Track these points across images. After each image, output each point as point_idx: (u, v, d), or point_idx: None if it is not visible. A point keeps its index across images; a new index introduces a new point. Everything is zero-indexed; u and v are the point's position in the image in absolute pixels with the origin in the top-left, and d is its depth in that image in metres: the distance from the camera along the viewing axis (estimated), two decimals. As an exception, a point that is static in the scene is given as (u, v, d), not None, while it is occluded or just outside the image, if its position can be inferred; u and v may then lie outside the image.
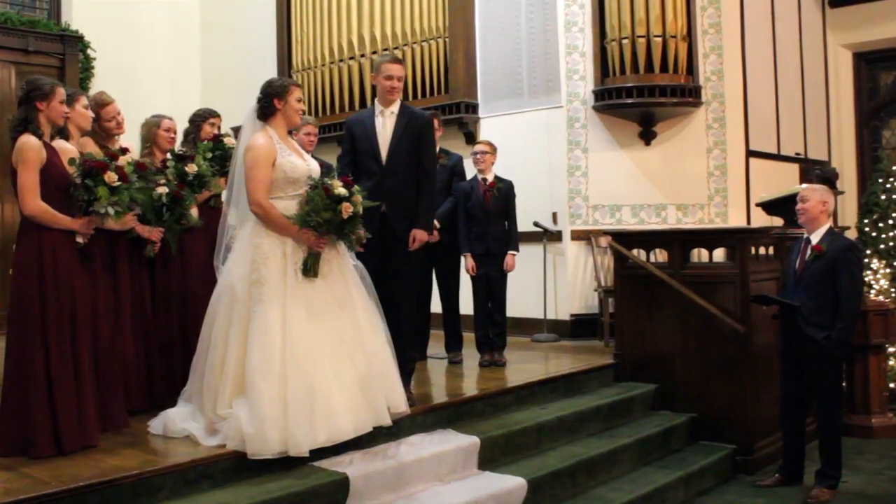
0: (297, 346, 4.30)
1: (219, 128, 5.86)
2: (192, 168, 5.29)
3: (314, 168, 4.65)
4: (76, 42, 10.20)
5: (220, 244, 4.73)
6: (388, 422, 4.55)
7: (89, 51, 10.31)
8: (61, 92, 4.42)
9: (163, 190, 5.01)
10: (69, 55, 10.14)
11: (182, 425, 4.44)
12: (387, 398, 4.60)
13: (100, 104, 5.04)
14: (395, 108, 5.29)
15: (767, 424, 6.11)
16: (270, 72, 10.61)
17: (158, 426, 4.53)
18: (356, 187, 4.56)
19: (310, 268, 4.45)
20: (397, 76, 5.23)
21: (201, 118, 5.81)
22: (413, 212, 5.19)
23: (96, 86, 10.07)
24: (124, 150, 4.81)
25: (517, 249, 6.64)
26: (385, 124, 5.25)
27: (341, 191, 4.44)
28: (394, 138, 5.22)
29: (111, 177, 4.26)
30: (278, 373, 4.23)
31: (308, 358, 4.30)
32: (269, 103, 4.59)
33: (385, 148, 5.26)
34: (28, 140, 4.20)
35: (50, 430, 4.09)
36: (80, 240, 4.36)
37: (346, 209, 4.42)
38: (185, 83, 11.18)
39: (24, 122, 4.26)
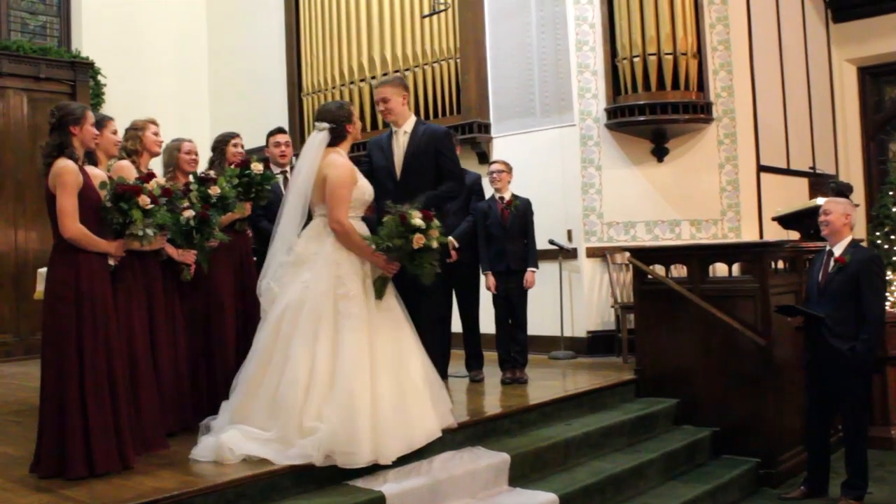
0: (382, 358, 4.49)
1: (242, 146, 5.90)
2: (215, 190, 5.32)
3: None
4: (87, 69, 10.31)
5: (268, 268, 4.74)
6: (450, 423, 4.83)
7: (99, 77, 10.43)
8: (91, 115, 4.49)
9: (189, 213, 5.05)
10: (80, 81, 10.25)
11: (245, 449, 4.33)
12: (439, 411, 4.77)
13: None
14: (409, 126, 5.38)
15: (790, 437, 6.13)
16: (280, 95, 10.71)
17: (207, 453, 4.39)
18: (435, 222, 4.63)
19: (378, 289, 4.62)
20: (381, 98, 5.34)
21: (223, 142, 5.86)
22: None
23: (106, 111, 10.11)
24: (150, 175, 4.88)
25: (536, 266, 6.69)
26: (399, 143, 5.36)
27: (417, 221, 4.53)
28: (406, 156, 5.31)
29: (144, 200, 4.34)
30: (369, 385, 4.38)
31: (391, 370, 4.49)
32: (342, 129, 4.76)
33: (399, 166, 5.37)
34: (66, 164, 4.25)
35: (83, 451, 4.11)
36: (111, 262, 4.44)
37: (418, 240, 4.50)
38: (195, 108, 11.29)
39: (59, 147, 4.30)
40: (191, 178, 5.48)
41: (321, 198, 4.68)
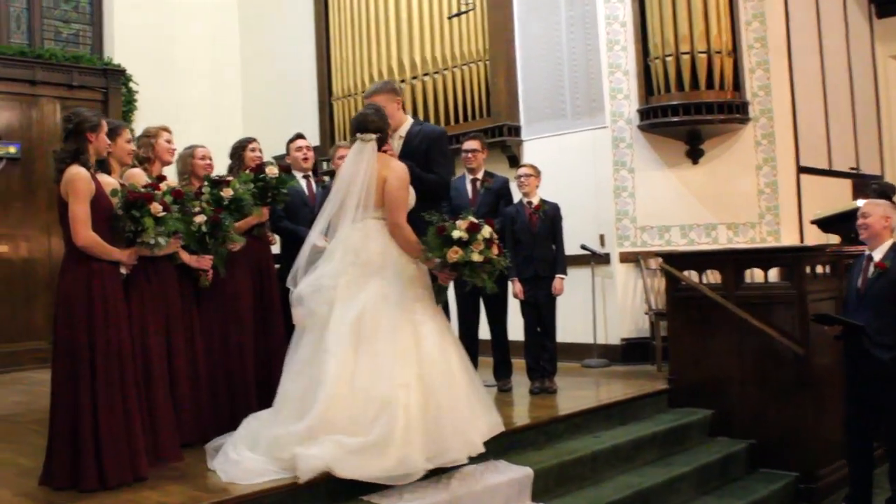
0: (450, 362, 4.53)
1: (260, 150, 5.81)
2: (227, 192, 5.22)
3: None
4: (119, 76, 10.34)
5: (301, 264, 4.63)
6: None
7: (131, 84, 10.44)
8: (105, 124, 4.45)
9: (201, 219, 4.94)
10: (112, 89, 10.28)
11: (348, 472, 4.12)
12: None
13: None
14: (403, 129, 5.24)
15: (831, 450, 5.88)
16: (311, 100, 10.66)
17: (237, 473, 4.18)
18: (484, 234, 4.49)
19: (436, 296, 4.68)
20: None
21: (241, 148, 5.79)
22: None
23: (138, 118, 10.20)
24: (161, 178, 4.80)
25: (565, 273, 6.50)
26: (395, 147, 5.19)
27: (457, 233, 4.44)
28: (401, 157, 5.10)
29: (156, 207, 4.28)
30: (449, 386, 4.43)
31: (454, 374, 4.51)
32: (385, 134, 4.75)
33: None
34: (78, 171, 4.20)
35: (95, 464, 4.04)
36: (123, 270, 4.39)
37: (453, 254, 4.43)
38: (226, 113, 11.27)
39: (75, 153, 4.25)
40: (204, 181, 5.39)
41: (379, 201, 4.62)
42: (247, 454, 4.30)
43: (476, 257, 4.46)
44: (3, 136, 9.52)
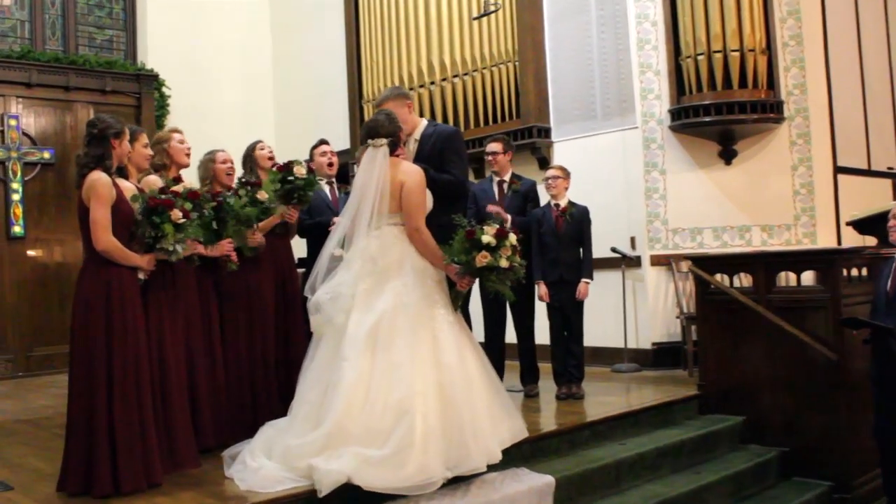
0: (469, 368, 4.46)
1: (269, 148, 5.78)
2: (262, 195, 5.21)
3: None
4: (152, 81, 10.42)
5: (320, 272, 4.58)
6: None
7: (164, 89, 10.52)
8: (128, 131, 4.45)
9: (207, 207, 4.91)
10: (145, 94, 10.36)
11: (368, 481, 4.03)
12: None
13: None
14: (418, 132, 5.19)
15: (867, 459, 5.67)
16: (342, 103, 10.65)
17: (255, 480, 4.14)
18: (510, 241, 4.48)
19: (453, 302, 4.60)
20: None
21: (250, 152, 5.76)
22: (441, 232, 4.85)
23: (171, 123, 10.26)
24: (177, 180, 4.78)
25: (591, 277, 6.38)
26: (409, 152, 5.14)
27: (487, 238, 4.42)
28: (416, 160, 5.04)
29: (176, 214, 4.28)
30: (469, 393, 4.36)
31: (474, 381, 4.45)
32: (397, 139, 4.69)
33: None
34: (101, 176, 4.21)
35: (110, 469, 4.03)
36: (141, 276, 4.38)
37: (482, 258, 4.41)
38: (258, 118, 11.31)
39: (98, 158, 4.25)
40: (235, 184, 5.36)
41: (396, 206, 4.57)
42: (265, 462, 4.27)
43: (504, 263, 4.43)
44: (38, 142, 9.65)
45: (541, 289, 6.40)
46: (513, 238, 4.52)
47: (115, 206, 4.23)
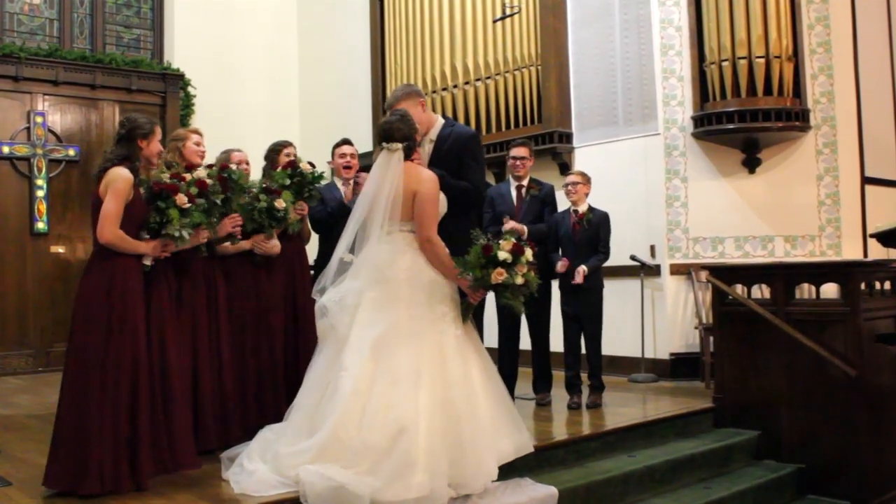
0: (474, 383, 4.31)
1: (295, 156, 5.74)
2: (280, 203, 5.20)
3: None
4: (177, 80, 10.46)
5: (329, 276, 4.48)
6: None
7: (190, 88, 10.55)
8: (159, 131, 4.48)
9: (262, 205, 5.09)
10: (170, 93, 10.41)
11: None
12: None
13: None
14: (434, 132, 4.97)
15: (887, 478, 5.54)
16: (366, 105, 10.63)
17: (250, 484, 4.08)
18: (526, 257, 4.37)
19: (462, 314, 4.45)
20: None
21: (275, 151, 5.69)
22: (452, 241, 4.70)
23: (196, 123, 10.31)
24: (189, 167, 4.74)
25: (591, 268, 6.21)
26: (425, 152, 4.97)
27: (503, 255, 4.29)
28: (432, 161, 4.91)
29: (182, 199, 4.29)
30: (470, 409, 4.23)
31: (478, 396, 4.30)
32: (414, 141, 4.56)
33: None
34: (123, 171, 4.19)
35: (98, 467, 3.99)
36: (147, 262, 4.34)
37: (498, 275, 4.27)
38: (283, 118, 11.30)
39: (125, 158, 4.26)
40: (255, 189, 5.34)
41: (408, 214, 4.42)
42: (260, 466, 4.21)
43: (519, 280, 4.31)
44: (64, 139, 9.72)
45: (559, 263, 6.29)
46: (529, 254, 4.39)
47: (130, 205, 4.21)
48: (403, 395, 4.11)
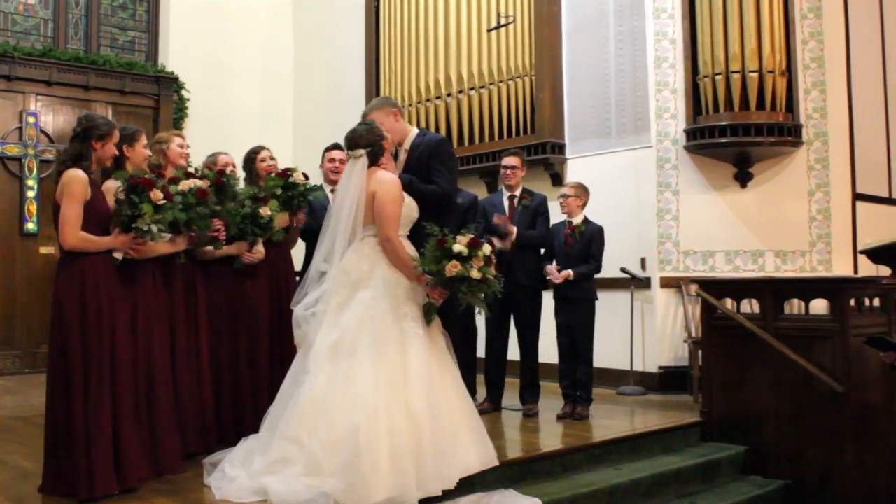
0: (443, 382, 4.31)
1: (271, 158, 5.72)
2: (265, 211, 5.21)
3: None
4: (171, 83, 10.44)
5: (305, 286, 4.52)
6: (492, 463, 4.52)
7: (183, 92, 10.52)
8: (117, 134, 4.39)
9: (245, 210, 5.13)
10: (164, 96, 10.38)
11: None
12: None
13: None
14: (408, 142, 5.00)
15: (872, 495, 5.52)
16: (360, 111, 10.37)
17: (231, 490, 4.07)
18: (484, 251, 4.34)
19: (425, 315, 4.41)
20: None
21: (250, 159, 5.70)
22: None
23: (189, 126, 10.30)
24: (188, 175, 4.72)
25: (577, 274, 6.21)
26: (400, 161, 5.02)
27: (457, 248, 4.28)
28: (405, 171, 4.93)
29: (157, 194, 4.23)
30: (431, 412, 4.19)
31: (451, 393, 4.33)
32: (378, 148, 4.57)
33: None
34: (76, 173, 4.15)
35: (87, 471, 3.97)
36: (117, 255, 4.30)
37: (451, 268, 4.25)
38: (278, 122, 11.28)
39: (76, 157, 4.20)
40: (241, 194, 5.33)
41: (371, 217, 4.48)
42: (241, 473, 4.20)
43: (475, 273, 4.27)
44: (56, 140, 9.67)
45: (549, 267, 6.32)
46: (486, 249, 4.38)
47: (89, 205, 4.16)
48: (362, 395, 4.10)
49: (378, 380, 4.13)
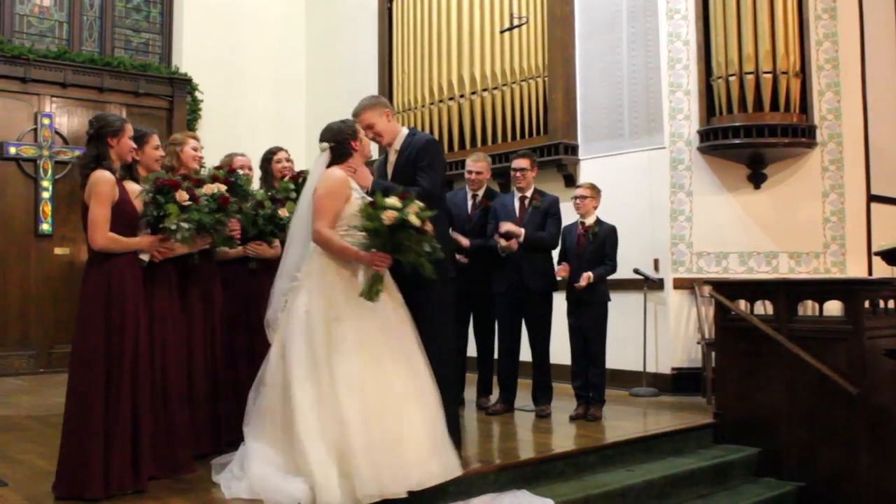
0: (385, 386, 4.14)
1: (287, 160, 5.76)
2: (283, 213, 5.25)
3: None
4: (185, 85, 10.49)
5: (272, 305, 4.47)
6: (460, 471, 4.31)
7: (197, 93, 10.57)
8: (130, 128, 4.42)
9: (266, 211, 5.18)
10: (177, 97, 10.43)
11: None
12: None
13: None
14: (398, 143, 4.94)
15: (886, 498, 5.50)
16: (373, 113, 10.58)
17: (240, 489, 4.11)
18: (415, 203, 4.20)
19: (368, 290, 4.17)
20: (367, 126, 4.82)
21: (267, 160, 5.75)
22: None
23: (203, 127, 10.34)
24: (214, 179, 4.72)
25: (597, 276, 6.19)
26: (390, 161, 4.99)
27: (390, 201, 4.15)
28: (394, 172, 4.92)
29: (182, 195, 4.29)
30: (359, 418, 4.02)
31: (396, 399, 4.13)
32: (345, 146, 4.48)
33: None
34: (103, 174, 4.18)
35: (101, 472, 3.99)
36: (143, 257, 4.36)
37: (389, 215, 4.09)
38: (290, 124, 11.27)
39: (96, 158, 4.24)
40: (259, 198, 5.35)
41: None
42: (250, 471, 4.21)
43: (413, 219, 4.11)
44: (70, 141, 9.74)
45: (560, 267, 6.34)
46: (419, 204, 4.21)
47: (117, 206, 4.20)
48: (297, 403, 4.05)
49: (311, 387, 4.09)
